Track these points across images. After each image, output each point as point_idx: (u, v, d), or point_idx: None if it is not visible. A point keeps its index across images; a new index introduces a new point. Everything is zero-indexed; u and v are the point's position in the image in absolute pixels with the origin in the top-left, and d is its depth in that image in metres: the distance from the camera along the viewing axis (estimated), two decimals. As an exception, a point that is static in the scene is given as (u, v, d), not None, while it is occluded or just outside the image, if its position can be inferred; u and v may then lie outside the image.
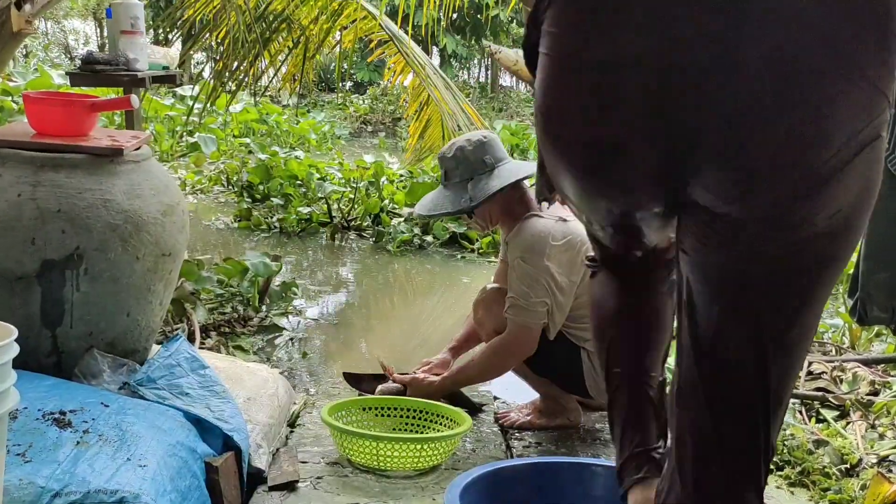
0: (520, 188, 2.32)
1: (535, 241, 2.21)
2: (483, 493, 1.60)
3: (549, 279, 2.20)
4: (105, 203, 1.92)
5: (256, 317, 3.49)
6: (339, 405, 2.18)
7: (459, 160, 2.29)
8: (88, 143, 2.01)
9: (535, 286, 2.19)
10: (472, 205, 2.24)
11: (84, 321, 1.93)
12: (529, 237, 2.22)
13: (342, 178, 6.46)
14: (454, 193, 2.29)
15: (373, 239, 5.59)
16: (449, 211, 2.29)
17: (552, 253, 2.20)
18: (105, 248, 1.90)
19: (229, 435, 1.85)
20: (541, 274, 2.19)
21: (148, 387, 1.94)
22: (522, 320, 2.21)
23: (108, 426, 1.61)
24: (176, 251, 2.09)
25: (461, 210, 2.28)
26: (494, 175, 2.27)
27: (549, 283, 2.19)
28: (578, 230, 2.24)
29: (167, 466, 1.56)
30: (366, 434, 1.95)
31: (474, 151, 2.29)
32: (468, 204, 2.25)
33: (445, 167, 2.33)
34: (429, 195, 2.43)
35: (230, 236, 5.57)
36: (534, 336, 2.22)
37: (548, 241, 2.20)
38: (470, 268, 5.08)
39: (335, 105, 13.73)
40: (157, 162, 2.18)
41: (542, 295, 2.19)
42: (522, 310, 2.20)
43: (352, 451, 1.96)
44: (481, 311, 2.41)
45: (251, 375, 2.26)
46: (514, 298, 2.22)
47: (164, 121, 8.72)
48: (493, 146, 2.32)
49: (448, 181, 2.33)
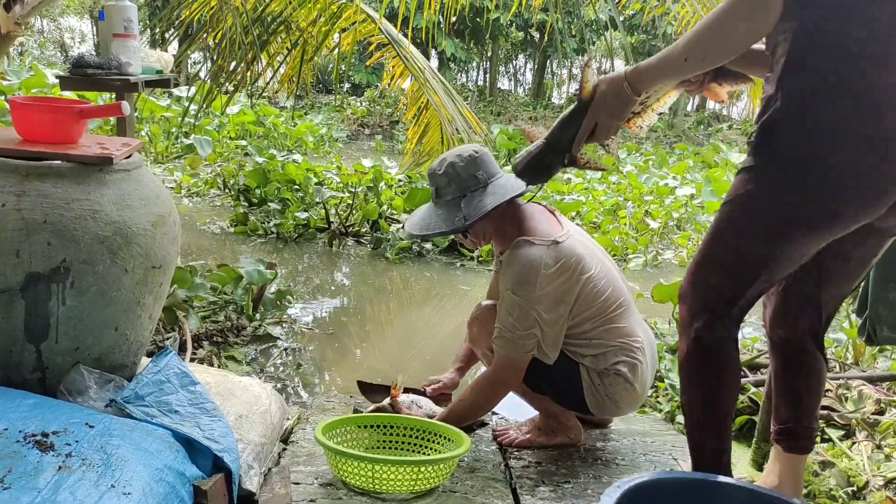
0: (513, 204, 2.24)
1: (526, 273, 2.12)
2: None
3: (541, 310, 2.12)
4: (93, 214, 1.85)
5: (250, 326, 3.42)
6: (333, 423, 2.11)
7: (451, 176, 2.22)
8: (76, 150, 1.94)
9: (523, 319, 2.11)
10: (466, 224, 2.17)
11: (70, 336, 1.86)
12: (520, 268, 2.13)
13: (340, 183, 6.40)
14: (446, 211, 2.22)
15: (371, 245, 5.52)
16: (443, 230, 2.21)
17: (544, 282, 2.11)
18: (93, 260, 1.83)
19: (219, 456, 1.79)
20: (531, 307, 2.11)
21: (136, 404, 1.87)
22: (507, 353, 2.15)
23: (92, 449, 1.54)
24: (167, 263, 2.03)
25: (455, 229, 2.20)
26: (488, 192, 2.20)
27: (539, 316, 2.12)
28: (572, 249, 2.17)
29: (153, 493, 1.49)
30: (361, 456, 1.89)
31: (466, 167, 2.22)
32: (462, 223, 2.17)
33: (436, 184, 2.26)
34: (419, 212, 2.34)
35: (226, 241, 5.50)
36: (520, 368, 2.16)
37: (539, 270, 2.11)
38: (469, 276, 5.02)
39: (333, 107, 13.66)
40: (148, 170, 2.11)
41: (531, 327, 2.12)
42: (508, 342, 2.14)
43: (346, 472, 1.89)
44: (476, 329, 2.35)
45: (243, 391, 2.19)
46: (502, 329, 2.15)
47: (159, 122, 8.65)
48: (484, 161, 2.25)
49: (439, 198, 2.25)
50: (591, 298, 2.17)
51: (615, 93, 1.68)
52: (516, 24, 17.28)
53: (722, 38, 1.55)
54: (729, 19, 1.53)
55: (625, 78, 1.67)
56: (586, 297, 2.17)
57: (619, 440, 2.40)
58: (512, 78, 20.51)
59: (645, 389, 2.26)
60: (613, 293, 2.21)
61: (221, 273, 3.65)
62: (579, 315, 2.17)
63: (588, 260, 2.18)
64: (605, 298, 2.19)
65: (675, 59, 1.61)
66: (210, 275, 3.69)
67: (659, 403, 3.01)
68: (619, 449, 2.32)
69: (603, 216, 6.60)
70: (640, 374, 2.21)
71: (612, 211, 6.84)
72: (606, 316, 2.19)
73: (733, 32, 1.54)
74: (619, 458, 2.24)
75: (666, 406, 2.97)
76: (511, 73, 20.39)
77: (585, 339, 2.19)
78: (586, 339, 2.19)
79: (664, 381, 3.09)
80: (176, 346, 2.86)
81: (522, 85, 20.26)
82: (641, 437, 2.44)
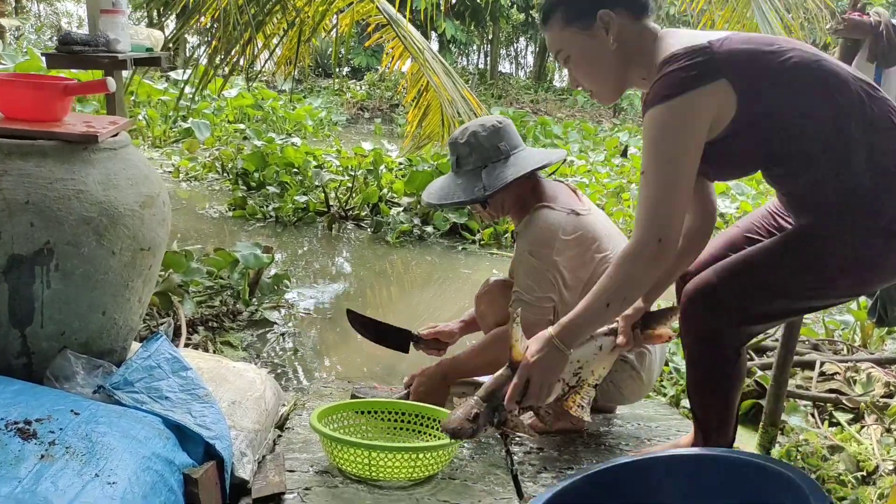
0: (533, 178, 2.19)
1: (544, 234, 2.09)
2: None
3: (557, 274, 2.08)
4: (78, 194, 1.79)
5: (246, 310, 3.36)
6: (330, 409, 2.05)
7: (473, 146, 2.17)
8: (61, 129, 1.87)
9: (541, 281, 2.07)
10: (486, 194, 2.11)
11: (56, 320, 1.81)
12: (538, 229, 2.10)
13: (340, 166, 6.32)
14: (466, 181, 2.16)
15: (371, 229, 5.46)
16: (462, 200, 2.15)
17: (561, 247, 2.08)
18: (78, 242, 1.77)
19: (211, 443, 1.73)
20: (548, 269, 2.07)
21: (125, 390, 1.81)
22: (526, 316, 2.09)
23: (76, 437, 1.49)
24: (156, 245, 1.96)
25: (474, 199, 2.14)
26: (510, 163, 2.15)
27: (556, 279, 2.08)
28: (591, 225, 2.13)
29: (139, 483, 1.43)
30: (357, 442, 1.83)
31: (489, 137, 2.16)
32: (482, 193, 2.12)
33: (457, 153, 2.20)
34: (437, 182, 2.29)
35: (224, 225, 5.44)
36: (536, 333, 2.10)
37: (557, 234, 2.08)
38: (471, 259, 4.95)
39: (332, 91, 13.55)
40: (136, 150, 2.04)
41: (548, 290, 2.08)
42: (527, 305, 2.09)
43: (343, 460, 1.84)
44: (483, 305, 2.30)
45: (237, 376, 2.13)
46: (520, 293, 2.11)
47: (156, 105, 8.56)
48: (507, 132, 2.20)
49: (460, 168, 2.20)
50: None
51: (547, 350, 1.67)
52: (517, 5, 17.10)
53: (634, 283, 1.59)
54: (636, 269, 1.57)
55: (553, 335, 1.67)
56: (598, 276, 2.11)
57: (624, 425, 2.34)
58: (513, 61, 20.35)
59: (651, 380, 2.21)
60: None
61: (217, 257, 3.59)
62: None
63: (605, 241, 2.14)
64: None
65: (597, 307, 1.63)
66: (205, 259, 3.63)
67: (664, 388, 2.96)
68: (624, 434, 2.27)
69: (606, 198, 6.53)
70: (647, 363, 2.15)
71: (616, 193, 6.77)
72: None
73: (644, 276, 1.59)
74: (624, 444, 2.19)
75: (671, 390, 2.92)
76: (512, 56, 20.23)
77: None
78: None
79: (668, 365, 3.04)
80: (170, 331, 2.80)
81: (524, 68, 20.10)
82: (646, 422, 2.38)
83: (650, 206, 1.53)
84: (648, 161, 1.54)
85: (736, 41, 1.54)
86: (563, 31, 1.67)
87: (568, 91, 16.75)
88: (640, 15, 1.65)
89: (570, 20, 1.65)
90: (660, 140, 1.52)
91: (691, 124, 1.51)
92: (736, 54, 1.51)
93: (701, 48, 1.51)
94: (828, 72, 1.54)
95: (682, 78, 1.50)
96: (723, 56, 1.51)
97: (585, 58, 1.68)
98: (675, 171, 1.52)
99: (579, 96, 15.62)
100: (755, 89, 1.51)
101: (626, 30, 1.64)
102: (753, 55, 1.52)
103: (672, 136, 1.51)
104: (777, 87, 1.52)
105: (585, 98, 15.63)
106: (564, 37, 1.67)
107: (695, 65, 1.50)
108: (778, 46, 1.55)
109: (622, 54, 1.65)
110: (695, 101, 1.50)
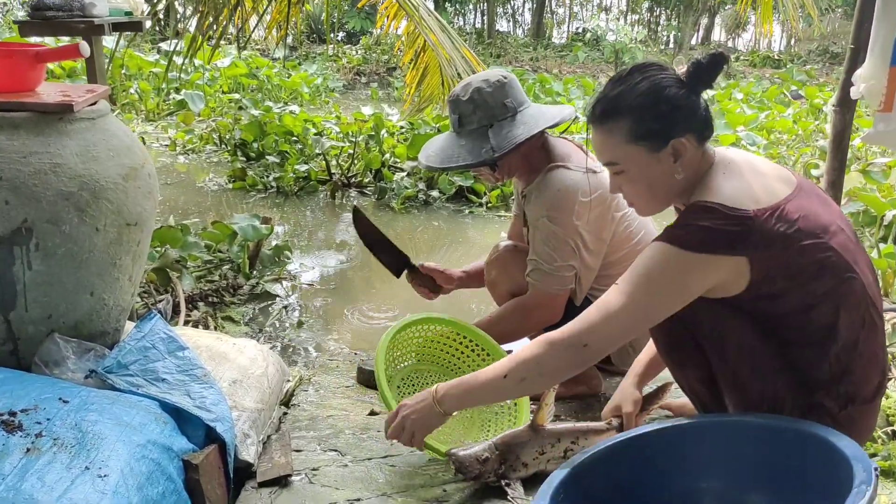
0: (541, 136, 2.05)
1: (562, 198, 1.96)
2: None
3: (578, 240, 1.97)
4: (55, 168, 1.68)
5: (247, 284, 3.26)
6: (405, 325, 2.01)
7: (477, 104, 2.01)
8: (33, 99, 1.76)
9: (561, 248, 1.96)
10: (495, 155, 1.96)
11: (41, 303, 1.71)
12: (556, 192, 1.97)
13: (340, 133, 6.16)
14: (471, 142, 2.01)
15: (375, 196, 5.33)
16: (468, 163, 2.00)
17: (581, 210, 1.96)
18: (58, 219, 1.66)
19: (212, 426, 1.65)
20: (568, 235, 1.96)
21: (119, 374, 1.72)
22: (545, 286, 1.99)
23: (65, 427, 1.39)
24: (143, 220, 1.85)
25: (483, 162, 1.99)
26: (517, 121, 2.00)
27: (576, 245, 1.97)
28: (607, 182, 2.00)
29: (133, 473, 1.34)
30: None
31: (493, 94, 2.01)
32: (491, 154, 1.96)
33: (460, 111, 2.03)
34: (435, 142, 2.13)
35: (224, 198, 5.32)
36: (558, 303, 2.01)
37: (576, 196, 1.95)
38: (478, 223, 4.84)
39: (327, 57, 13.27)
40: (116, 119, 1.92)
41: (569, 258, 1.96)
42: (546, 275, 1.98)
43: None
44: (495, 272, 2.18)
45: (237, 353, 2.04)
46: (537, 262, 1.99)
47: (148, 78, 8.36)
48: (513, 88, 2.04)
49: (462, 128, 2.04)
50: (623, 240, 2.02)
51: (423, 404, 1.61)
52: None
53: (541, 368, 1.48)
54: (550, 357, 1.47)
55: (435, 392, 1.59)
56: (619, 237, 2.02)
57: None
58: (510, 19, 19.92)
59: None
60: (645, 237, 2.07)
61: (215, 231, 3.48)
62: (608, 257, 2.02)
63: (622, 198, 2.02)
64: (637, 242, 2.05)
65: (493, 375, 1.52)
66: (203, 233, 3.52)
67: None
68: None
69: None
70: None
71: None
72: None
73: (553, 369, 1.48)
74: (643, 407, 2.09)
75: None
76: (509, 14, 19.80)
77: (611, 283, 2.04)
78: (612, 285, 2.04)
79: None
80: (168, 308, 2.71)
81: (521, 26, 19.69)
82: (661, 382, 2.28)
83: (608, 318, 1.43)
84: (635, 286, 1.43)
85: (790, 213, 1.40)
86: (627, 146, 1.48)
87: (567, 47, 16.42)
88: (705, 141, 1.51)
89: (639, 137, 1.47)
90: (656, 278, 1.42)
91: (694, 284, 1.41)
92: (773, 238, 1.37)
93: (742, 218, 1.37)
94: (850, 289, 1.42)
95: (709, 238, 1.38)
96: (759, 236, 1.37)
97: (645, 179, 1.52)
98: (654, 311, 1.44)
99: (579, 52, 15.31)
100: (770, 277, 1.40)
101: (691, 158, 1.49)
102: (789, 243, 1.38)
103: (669, 282, 1.41)
104: (792, 281, 1.40)
105: (586, 54, 15.32)
106: (626, 151, 1.49)
107: (730, 234, 1.37)
108: (822, 238, 1.41)
109: (685, 182, 1.50)
110: (716, 264, 1.39)
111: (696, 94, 1.48)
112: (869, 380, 1.48)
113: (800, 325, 1.43)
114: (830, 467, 1.23)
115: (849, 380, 1.45)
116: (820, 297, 1.41)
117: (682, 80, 1.48)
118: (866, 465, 1.18)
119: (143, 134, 6.94)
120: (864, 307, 1.44)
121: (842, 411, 1.45)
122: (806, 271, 1.39)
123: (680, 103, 1.46)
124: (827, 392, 1.45)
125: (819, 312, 1.41)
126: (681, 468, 1.42)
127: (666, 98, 1.46)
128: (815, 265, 1.39)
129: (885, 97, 2.31)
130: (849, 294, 1.42)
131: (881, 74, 2.34)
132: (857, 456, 1.21)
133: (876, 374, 1.49)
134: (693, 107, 1.47)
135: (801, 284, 1.40)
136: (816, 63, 15.15)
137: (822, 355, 1.43)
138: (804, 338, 1.44)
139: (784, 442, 1.34)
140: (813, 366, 1.45)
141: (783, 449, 1.33)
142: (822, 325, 1.42)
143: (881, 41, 2.36)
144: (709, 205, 1.39)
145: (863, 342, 1.45)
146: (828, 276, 1.40)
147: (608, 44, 14.91)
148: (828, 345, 1.43)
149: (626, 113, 1.47)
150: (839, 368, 1.44)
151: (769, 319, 1.45)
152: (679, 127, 1.46)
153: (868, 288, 1.46)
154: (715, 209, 1.38)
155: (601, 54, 15.17)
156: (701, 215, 1.39)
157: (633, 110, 1.47)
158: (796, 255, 1.38)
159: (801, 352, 1.45)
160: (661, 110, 1.45)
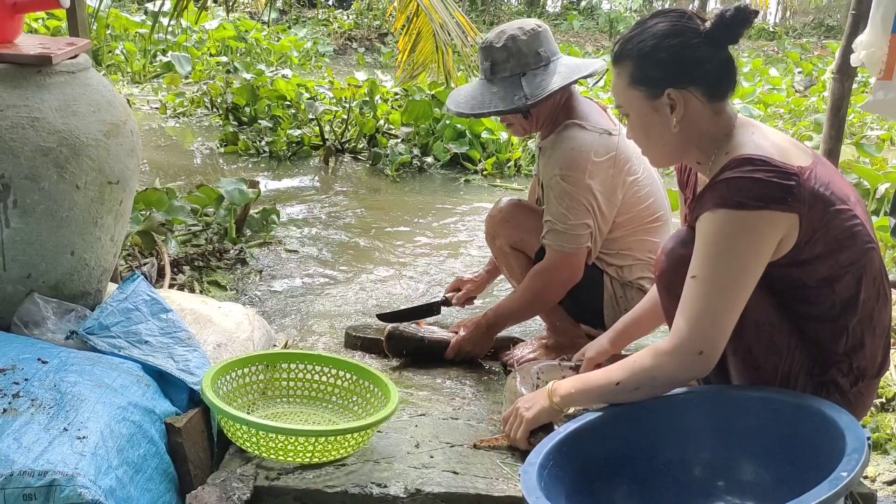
0: (567, 90, 2.04)
1: (576, 156, 1.95)
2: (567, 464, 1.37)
3: (591, 199, 1.95)
4: (33, 122, 1.63)
5: (234, 249, 3.21)
6: (236, 363, 1.73)
7: (511, 51, 1.99)
8: (10, 50, 1.70)
9: (574, 207, 1.95)
10: (528, 103, 1.95)
11: (19, 262, 1.67)
12: (569, 151, 1.96)
13: (333, 98, 6.06)
14: (503, 89, 1.99)
15: (369, 162, 5.27)
16: (501, 109, 1.99)
17: (594, 170, 1.95)
18: (36, 176, 1.62)
19: (195, 389, 1.62)
20: (581, 193, 1.94)
21: (100, 335, 1.69)
22: (562, 246, 1.97)
23: (43, 388, 1.36)
24: (125, 178, 1.81)
25: (516, 109, 1.97)
26: (550, 70, 1.99)
27: (591, 204, 1.96)
28: (624, 147, 1.99)
29: (114, 435, 1.32)
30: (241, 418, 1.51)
31: (528, 42, 1.99)
32: (523, 102, 1.95)
33: (493, 58, 2.02)
34: (464, 89, 2.11)
35: (215, 162, 5.24)
36: (577, 262, 2.00)
37: (589, 156, 1.94)
38: (473, 191, 4.79)
39: (317, 21, 13.04)
40: (98, 74, 1.86)
41: (583, 216, 1.96)
42: (560, 234, 1.97)
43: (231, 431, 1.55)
44: (495, 225, 2.18)
45: (223, 317, 2.01)
46: (552, 222, 1.98)
47: (134, 39, 8.19)
48: (547, 37, 2.03)
49: (494, 75, 2.02)
50: (632, 204, 2.02)
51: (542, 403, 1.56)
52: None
53: (656, 382, 1.43)
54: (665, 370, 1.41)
55: (550, 397, 1.54)
56: (628, 201, 2.01)
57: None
58: (504, -14, 19.66)
59: None
60: (654, 204, 2.06)
61: (201, 194, 3.42)
62: (616, 219, 2.01)
63: (636, 162, 2.01)
64: (645, 207, 2.04)
65: (605, 381, 1.48)
66: (189, 196, 3.46)
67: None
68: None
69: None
70: None
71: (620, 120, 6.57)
72: (642, 226, 2.05)
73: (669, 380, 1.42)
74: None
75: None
76: (503, -19, 19.54)
77: (615, 247, 2.05)
78: (615, 248, 2.05)
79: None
80: (153, 271, 2.66)
81: (516, -7, 19.43)
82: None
83: (704, 315, 1.35)
84: (710, 268, 1.35)
85: (821, 176, 1.36)
86: (627, 89, 1.46)
87: (562, 16, 16.23)
88: (717, 99, 1.44)
89: (636, 82, 1.44)
90: (726, 250, 1.34)
91: (764, 242, 1.34)
92: (816, 198, 1.34)
93: (793, 173, 1.33)
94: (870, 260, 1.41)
95: (765, 192, 1.32)
96: (806, 192, 1.33)
97: (642, 126, 1.48)
98: (739, 283, 1.34)
99: (574, 21, 15.14)
100: (814, 240, 1.36)
101: (695, 112, 1.43)
102: (828, 205, 1.36)
103: (744, 248, 1.33)
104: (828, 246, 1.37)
105: (581, 23, 15.15)
106: (627, 94, 1.47)
107: (783, 186, 1.32)
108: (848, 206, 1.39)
109: (683, 136, 1.45)
110: (776, 220, 1.33)
111: (713, 47, 1.42)
112: (876, 355, 1.46)
113: (820, 298, 1.41)
114: (824, 437, 1.23)
115: (861, 354, 1.43)
116: (846, 268, 1.38)
117: (700, 31, 1.42)
118: (859, 434, 1.17)
119: (130, 96, 6.81)
120: (879, 279, 1.42)
121: (853, 388, 1.44)
122: (839, 238, 1.37)
123: (684, 54, 1.41)
124: (839, 368, 1.43)
125: (842, 285, 1.39)
126: (673, 439, 1.42)
127: (667, 46, 1.41)
128: (846, 231, 1.37)
129: (885, 65, 2.28)
130: (869, 265, 1.40)
131: (882, 42, 2.31)
132: (849, 426, 1.20)
133: (881, 348, 1.47)
134: (701, 60, 1.42)
135: (832, 252, 1.37)
136: (811, 36, 15.06)
137: (841, 329, 1.41)
138: (824, 312, 1.41)
139: (780, 414, 1.33)
140: (830, 340, 1.42)
141: (778, 420, 1.33)
142: (843, 297, 1.40)
143: (882, 9, 2.33)
144: (756, 157, 1.35)
145: (877, 316, 1.43)
146: (854, 245, 1.38)
147: (603, 13, 14.74)
148: (848, 317, 1.40)
149: (631, 56, 1.44)
150: (854, 342, 1.42)
151: (793, 290, 1.41)
152: (680, 77, 1.42)
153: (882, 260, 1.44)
154: (765, 161, 1.34)
155: (596, 23, 15.01)
156: (750, 167, 1.34)
157: (636, 54, 1.44)
158: (834, 218, 1.36)
159: (820, 325, 1.42)
160: (660, 58, 1.42)
